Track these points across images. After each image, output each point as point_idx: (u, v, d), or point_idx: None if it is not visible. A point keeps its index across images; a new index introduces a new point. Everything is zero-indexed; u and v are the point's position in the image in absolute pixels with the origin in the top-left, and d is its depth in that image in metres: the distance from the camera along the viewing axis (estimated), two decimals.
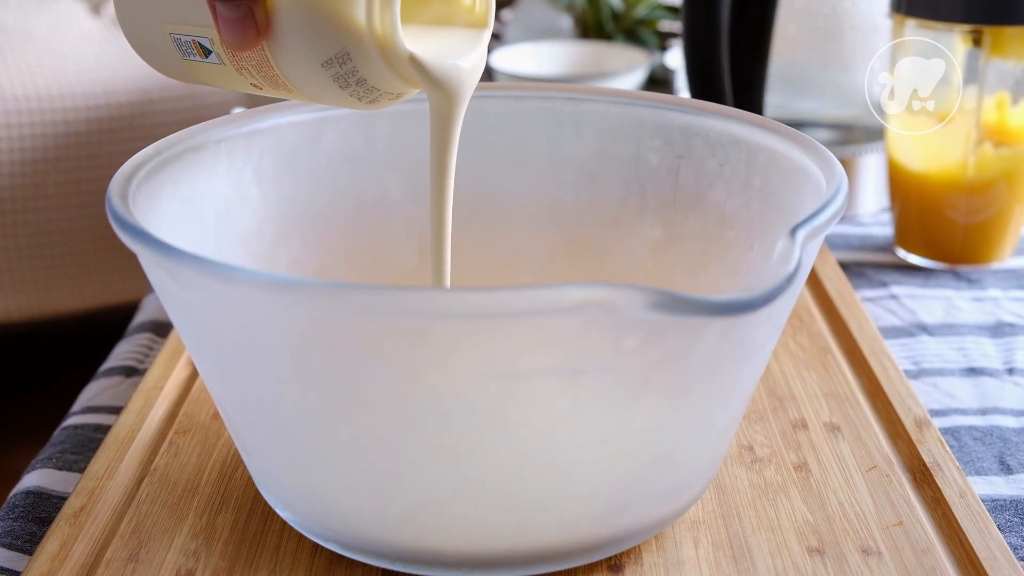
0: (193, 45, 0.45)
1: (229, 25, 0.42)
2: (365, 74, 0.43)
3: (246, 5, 0.42)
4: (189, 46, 0.45)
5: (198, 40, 0.45)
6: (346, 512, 0.43)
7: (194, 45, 0.45)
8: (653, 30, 1.21)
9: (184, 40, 0.45)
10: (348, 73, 0.43)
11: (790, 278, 0.37)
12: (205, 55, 0.45)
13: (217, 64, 0.45)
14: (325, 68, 0.43)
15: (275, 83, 0.45)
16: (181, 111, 1.48)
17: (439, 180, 0.48)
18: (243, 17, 0.42)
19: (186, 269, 0.38)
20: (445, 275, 0.50)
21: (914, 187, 0.74)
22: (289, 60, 0.43)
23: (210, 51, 0.45)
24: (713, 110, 0.54)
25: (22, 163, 1.40)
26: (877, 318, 0.68)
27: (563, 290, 0.35)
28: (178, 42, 0.46)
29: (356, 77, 0.43)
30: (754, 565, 0.45)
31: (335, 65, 0.43)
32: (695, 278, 0.54)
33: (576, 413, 0.40)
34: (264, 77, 0.45)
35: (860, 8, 0.82)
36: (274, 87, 0.45)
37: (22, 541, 0.48)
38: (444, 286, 0.50)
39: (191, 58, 0.46)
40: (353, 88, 0.44)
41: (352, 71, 0.43)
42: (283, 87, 0.45)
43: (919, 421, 0.53)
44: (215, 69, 0.46)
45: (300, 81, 0.44)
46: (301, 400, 0.41)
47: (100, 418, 0.58)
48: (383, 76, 0.44)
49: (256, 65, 0.44)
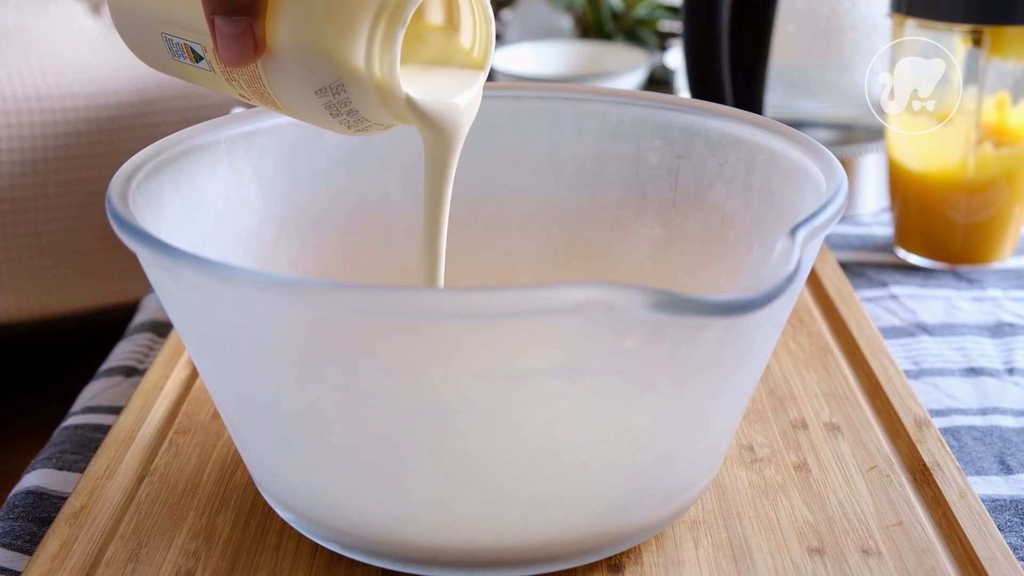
0: (184, 48, 0.44)
1: (227, 41, 0.41)
2: (358, 106, 0.43)
3: (246, 21, 0.41)
4: (180, 48, 0.45)
5: (190, 44, 0.44)
6: (346, 512, 0.43)
7: (185, 49, 0.44)
8: (653, 30, 1.21)
9: (176, 42, 0.45)
10: (341, 103, 0.43)
11: (790, 278, 0.37)
12: (196, 60, 0.44)
13: (207, 71, 0.45)
14: (318, 96, 0.42)
15: (264, 99, 0.44)
16: (181, 111, 1.48)
17: (433, 212, 0.47)
18: (242, 33, 0.41)
19: (186, 269, 0.38)
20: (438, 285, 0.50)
21: (914, 187, 0.74)
22: (282, 82, 0.43)
23: (201, 57, 0.44)
24: (713, 110, 0.54)
25: (22, 163, 1.40)
26: (877, 318, 0.68)
27: (563, 290, 0.35)
28: (169, 42, 0.45)
29: (348, 108, 0.43)
30: (754, 565, 0.45)
31: (328, 94, 0.42)
32: (695, 278, 0.54)
33: (576, 413, 0.40)
34: (254, 92, 0.44)
35: (860, 8, 0.82)
36: (263, 102, 0.45)
37: (22, 541, 0.48)
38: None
39: (181, 60, 0.45)
40: (344, 117, 0.43)
41: (345, 101, 0.43)
42: (272, 104, 0.44)
43: (919, 421, 0.53)
44: (205, 74, 0.45)
45: (290, 102, 0.44)
46: (301, 400, 0.41)
47: (100, 418, 0.58)
48: (376, 111, 0.43)
49: (247, 80, 0.44)
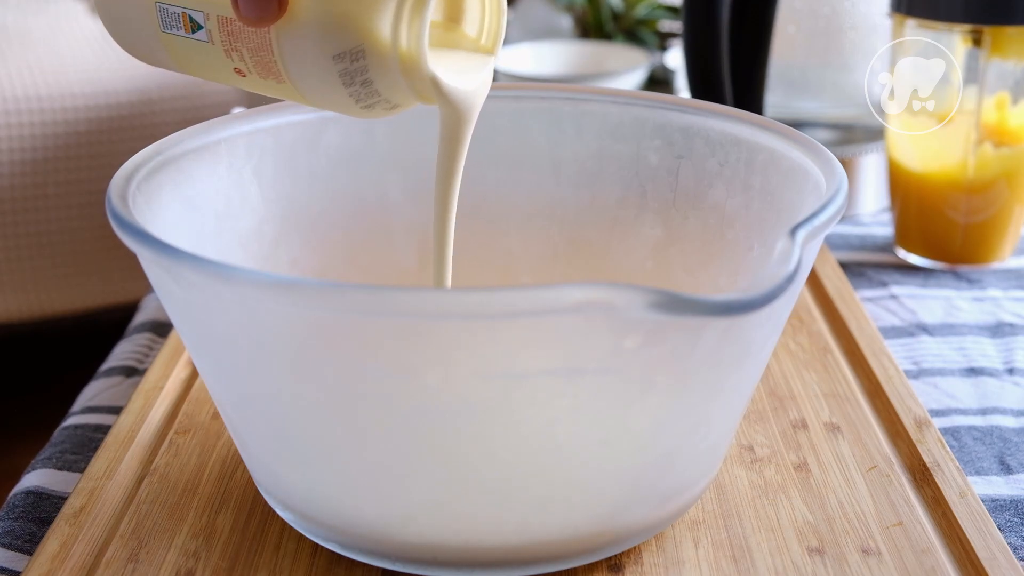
0: (182, 18, 0.43)
1: None
2: (374, 76, 0.42)
3: None
4: (177, 18, 0.43)
5: (189, 13, 0.42)
6: (346, 512, 0.43)
7: (183, 18, 0.42)
8: (653, 30, 1.21)
9: (172, 10, 0.43)
10: (357, 71, 0.42)
11: (790, 278, 0.37)
12: (193, 30, 0.42)
13: (203, 43, 0.43)
14: (335, 61, 0.41)
15: (266, 70, 0.43)
16: (181, 111, 1.48)
17: (444, 187, 0.48)
18: None
19: (186, 269, 0.38)
20: (446, 277, 0.50)
21: (914, 187, 0.74)
22: (295, 46, 0.41)
23: (200, 27, 0.42)
24: (713, 110, 0.54)
25: (22, 163, 1.40)
26: (877, 318, 0.68)
27: (563, 290, 0.35)
28: (164, 12, 0.43)
29: (364, 77, 0.42)
30: (754, 565, 0.45)
31: (346, 60, 0.41)
32: (695, 278, 0.54)
33: (576, 413, 0.40)
34: (256, 62, 0.42)
35: (860, 8, 0.82)
36: (263, 74, 0.43)
37: (22, 541, 0.48)
38: (445, 286, 0.50)
39: (173, 31, 0.43)
40: (356, 88, 0.42)
41: (362, 70, 0.42)
42: (274, 75, 0.43)
43: (919, 421, 0.53)
44: (196, 48, 0.43)
45: (299, 72, 0.42)
46: (301, 400, 0.41)
47: (100, 418, 0.58)
48: (393, 84, 0.43)
49: (253, 48, 0.42)
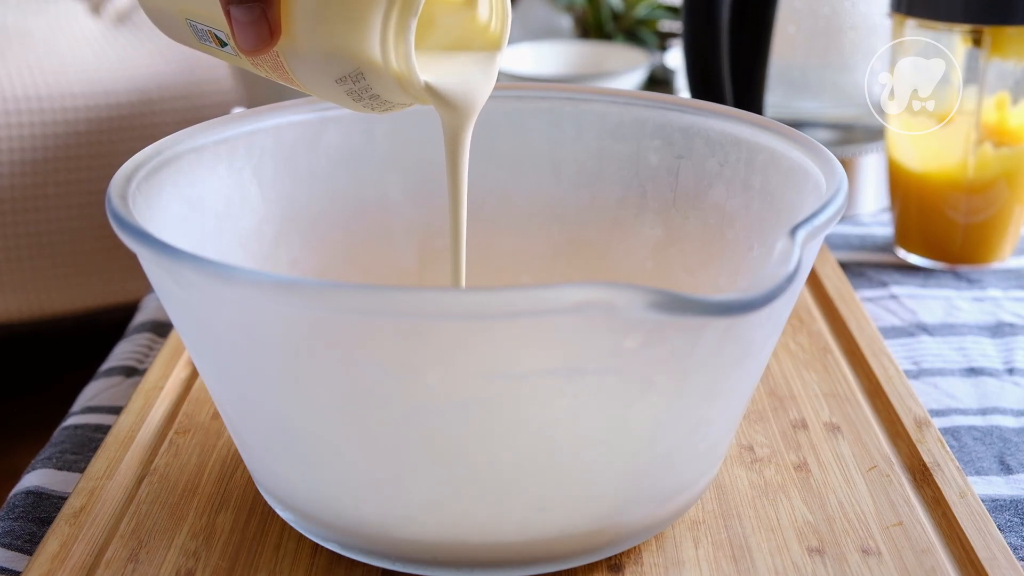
0: (209, 35, 0.46)
1: (243, 29, 0.43)
2: (379, 91, 0.44)
3: (259, 8, 0.42)
4: (206, 35, 0.46)
5: (214, 31, 0.45)
6: (346, 512, 0.43)
7: (210, 35, 0.46)
8: (653, 30, 1.21)
9: (200, 28, 0.46)
10: (362, 90, 0.44)
11: (790, 278, 0.37)
12: (221, 45, 0.46)
13: (232, 55, 0.46)
14: (339, 84, 0.44)
15: (291, 83, 0.46)
16: (181, 111, 1.48)
17: (453, 185, 0.49)
18: (256, 20, 0.42)
19: (186, 269, 0.38)
20: (461, 275, 0.50)
21: (914, 187, 0.74)
22: (302, 70, 0.44)
23: (225, 43, 0.45)
24: (713, 110, 0.54)
25: (22, 163, 1.40)
26: (877, 318, 0.68)
27: (563, 290, 0.35)
28: (195, 29, 0.46)
29: (370, 93, 0.44)
30: (754, 565, 0.45)
31: (348, 82, 0.43)
32: (695, 278, 0.54)
33: (576, 413, 0.40)
34: (279, 76, 0.45)
35: (860, 8, 0.82)
36: (290, 85, 0.46)
37: (22, 541, 0.48)
38: (460, 283, 0.50)
39: (207, 43, 0.46)
40: (367, 101, 0.45)
41: (366, 88, 0.44)
42: (299, 87, 0.46)
43: (919, 421, 0.53)
44: (229, 57, 0.46)
45: (314, 88, 0.45)
46: (301, 400, 0.41)
47: (100, 418, 0.58)
48: (397, 95, 0.44)
49: (271, 66, 0.45)
